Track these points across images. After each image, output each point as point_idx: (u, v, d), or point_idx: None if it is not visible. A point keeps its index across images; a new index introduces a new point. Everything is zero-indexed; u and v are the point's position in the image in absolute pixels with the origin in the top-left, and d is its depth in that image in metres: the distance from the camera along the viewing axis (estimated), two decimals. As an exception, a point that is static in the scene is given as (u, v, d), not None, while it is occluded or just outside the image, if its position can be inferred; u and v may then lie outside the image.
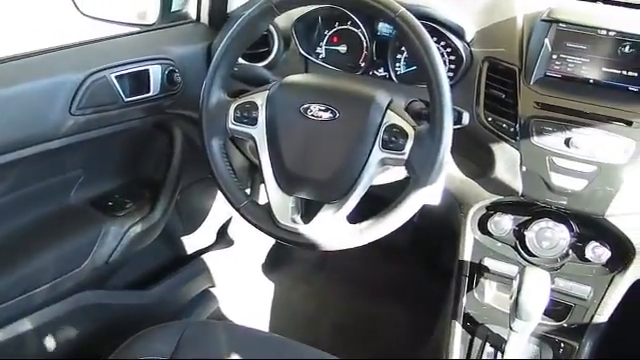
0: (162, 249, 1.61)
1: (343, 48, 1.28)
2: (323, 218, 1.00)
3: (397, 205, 0.96)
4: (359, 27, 1.25)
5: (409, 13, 0.92)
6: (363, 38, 1.25)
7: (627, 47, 1.07)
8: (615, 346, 1.27)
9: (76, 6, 1.33)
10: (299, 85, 1.05)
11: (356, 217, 1.00)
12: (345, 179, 0.97)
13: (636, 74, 1.07)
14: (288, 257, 2.01)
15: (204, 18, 1.40)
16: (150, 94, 1.22)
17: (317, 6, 1.22)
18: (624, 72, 1.08)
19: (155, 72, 1.22)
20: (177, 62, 1.27)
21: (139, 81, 1.20)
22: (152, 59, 1.22)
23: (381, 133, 0.96)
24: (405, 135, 0.95)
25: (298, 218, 1.03)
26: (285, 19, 1.24)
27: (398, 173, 1.03)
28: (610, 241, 1.13)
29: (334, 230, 0.99)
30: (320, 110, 0.98)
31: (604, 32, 1.07)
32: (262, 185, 1.06)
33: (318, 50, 1.30)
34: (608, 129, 1.04)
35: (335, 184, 0.98)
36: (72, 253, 1.26)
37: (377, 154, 0.96)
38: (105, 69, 1.13)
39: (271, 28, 1.27)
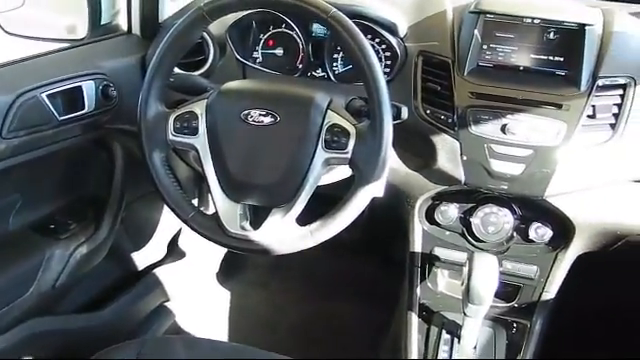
0: (112, 268, 1.57)
1: (279, 51, 1.28)
2: (272, 223, 0.99)
3: (345, 203, 0.97)
4: (293, 29, 1.26)
5: (341, 13, 0.93)
6: (298, 40, 1.26)
7: (552, 33, 1.11)
8: (564, 321, 1.32)
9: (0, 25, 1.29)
10: (238, 91, 1.04)
11: (306, 219, 1.00)
12: (291, 182, 0.98)
13: (562, 59, 1.12)
14: (242, 264, 1.99)
15: (136, 29, 1.38)
16: (85, 111, 1.19)
17: (250, 11, 1.22)
18: (551, 57, 1.12)
19: (89, 88, 1.19)
20: (111, 76, 1.24)
21: (73, 98, 1.17)
22: (85, 75, 1.19)
23: (323, 134, 0.96)
24: (347, 134, 0.96)
25: (247, 225, 1.03)
26: (219, 25, 1.23)
27: (343, 172, 1.04)
28: (551, 221, 1.18)
29: (284, 234, 0.99)
30: (261, 115, 0.98)
31: (529, 20, 1.12)
32: (209, 194, 1.04)
33: (255, 55, 1.29)
34: (540, 113, 1.08)
35: (281, 188, 0.99)
36: (16, 281, 1.21)
37: (321, 155, 0.97)
38: (35, 88, 1.09)
39: (205, 35, 1.25)
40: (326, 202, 0.99)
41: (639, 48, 1.12)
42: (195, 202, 1.72)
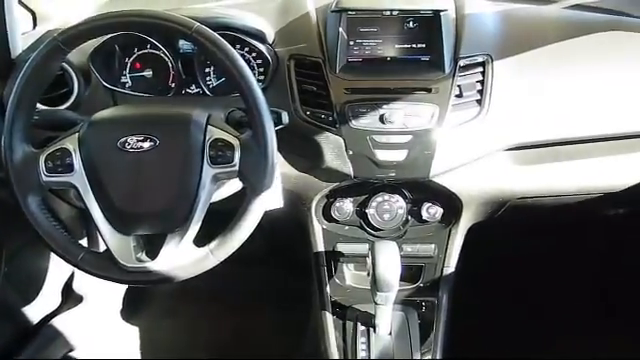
0: (1, 328, 1.45)
1: (149, 73, 1.24)
2: (169, 249, 0.97)
3: (240, 217, 0.96)
4: (160, 49, 1.22)
5: (205, 27, 0.92)
6: (167, 59, 1.23)
7: (411, 22, 1.17)
8: (467, 291, 1.39)
9: None
10: (111, 120, 1.00)
11: (204, 238, 0.98)
12: (182, 204, 0.95)
13: (424, 45, 1.18)
14: (145, 296, 1.92)
15: (-14, 69, 1.28)
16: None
17: (109, 36, 1.17)
18: (414, 45, 1.18)
19: None
20: None
21: None
22: None
23: (207, 150, 0.95)
24: (231, 147, 0.95)
25: (144, 256, 0.99)
26: (79, 54, 1.17)
27: (234, 185, 1.03)
28: (440, 199, 1.23)
29: (184, 258, 0.97)
30: (139, 141, 0.95)
31: (388, 13, 1.17)
32: (97, 231, 0.99)
33: (123, 79, 1.24)
34: (413, 99, 1.13)
35: (173, 212, 0.96)
36: None
37: (208, 172, 0.95)
38: None
39: (65, 66, 1.19)
40: (223, 218, 0.97)
41: (490, 28, 1.21)
42: (84, 242, 1.63)
